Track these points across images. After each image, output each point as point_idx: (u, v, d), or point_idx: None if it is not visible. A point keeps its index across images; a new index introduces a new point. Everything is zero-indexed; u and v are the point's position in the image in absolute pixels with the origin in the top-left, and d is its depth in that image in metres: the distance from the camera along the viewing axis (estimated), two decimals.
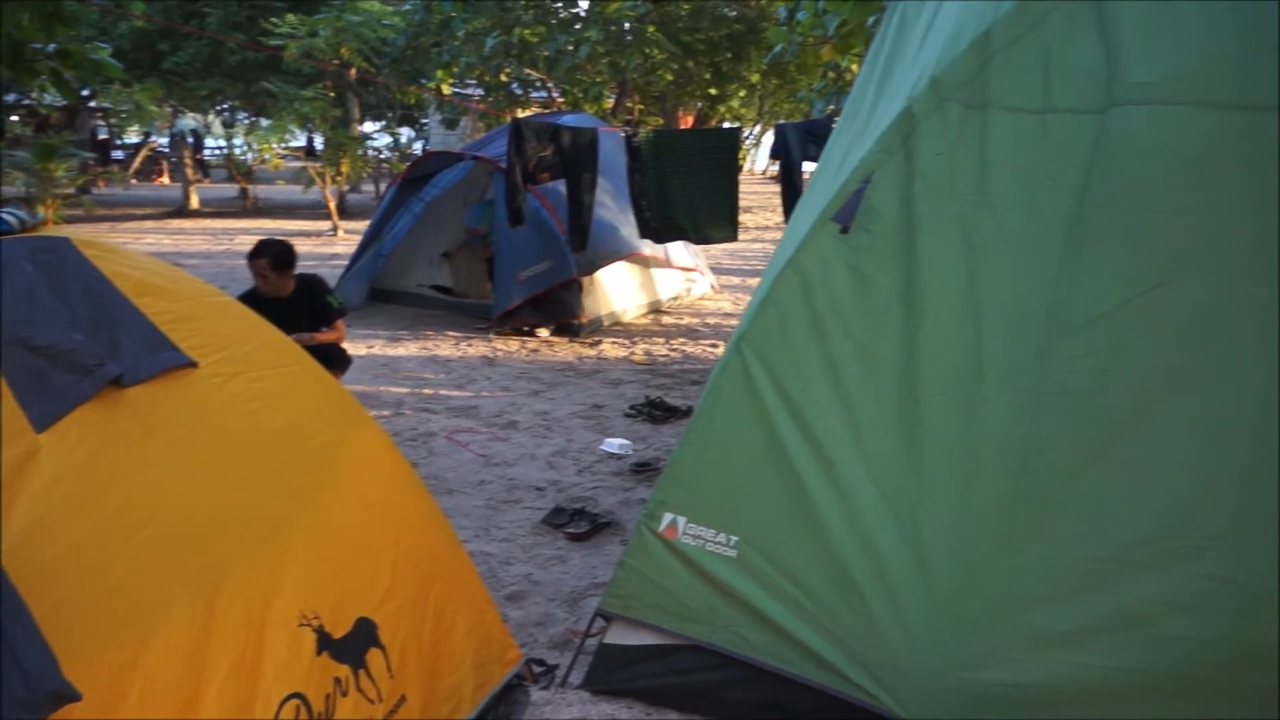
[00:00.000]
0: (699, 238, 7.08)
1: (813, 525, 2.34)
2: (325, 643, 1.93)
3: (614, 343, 7.44)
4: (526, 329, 7.58)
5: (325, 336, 4.77)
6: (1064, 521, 2.07)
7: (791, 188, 6.73)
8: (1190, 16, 2.09)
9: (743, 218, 16.54)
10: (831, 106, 8.96)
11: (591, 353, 7.14)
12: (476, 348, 7.22)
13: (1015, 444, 2.14)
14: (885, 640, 2.23)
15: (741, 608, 2.41)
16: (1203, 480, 1.95)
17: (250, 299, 4.41)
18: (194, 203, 18.36)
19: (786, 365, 2.43)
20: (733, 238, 7.07)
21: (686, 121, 20.22)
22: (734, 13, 15.35)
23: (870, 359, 2.34)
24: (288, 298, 4.61)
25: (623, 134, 6.92)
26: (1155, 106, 2.08)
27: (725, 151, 6.92)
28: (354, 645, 2.00)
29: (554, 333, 7.58)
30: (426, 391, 6.00)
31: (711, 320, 8.49)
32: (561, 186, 6.91)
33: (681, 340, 7.63)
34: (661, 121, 18.01)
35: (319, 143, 19.21)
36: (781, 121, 12.76)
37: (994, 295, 2.21)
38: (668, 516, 2.55)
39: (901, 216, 2.35)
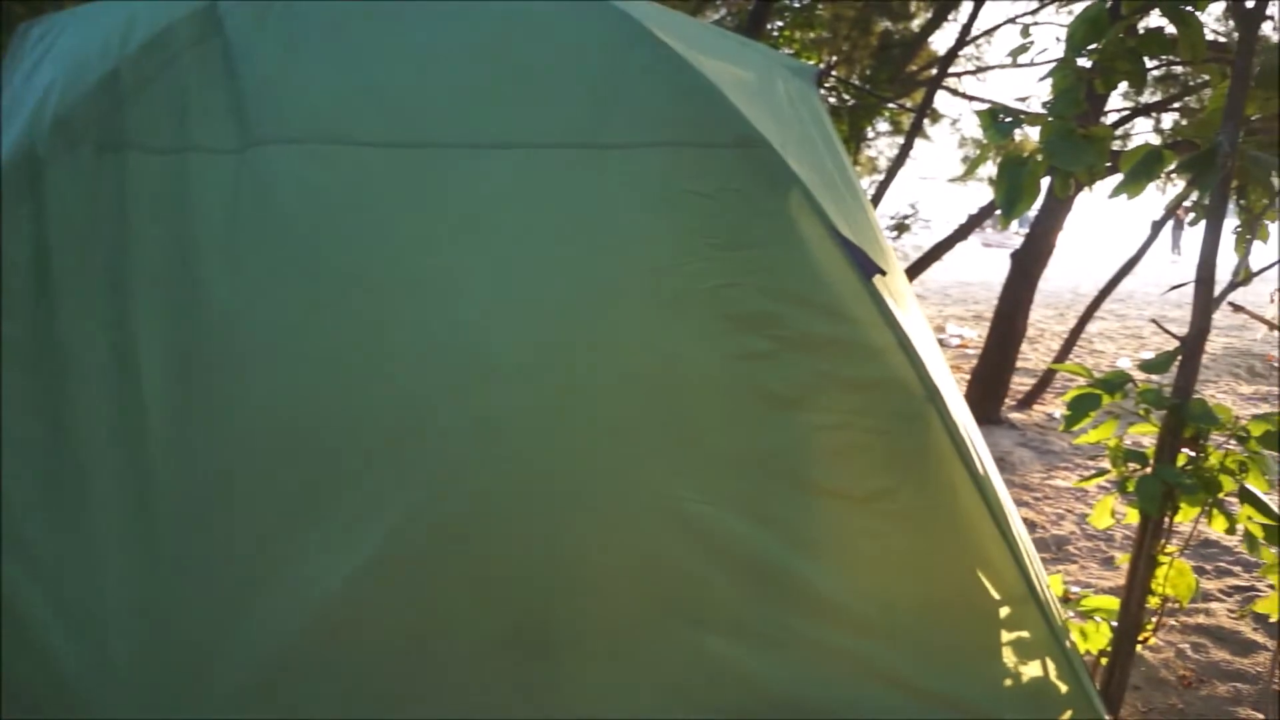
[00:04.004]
0: None
1: None
2: None
3: None
4: None
5: None
6: (227, 569, 1.97)
7: None
8: (301, 61, 2.21)
9: None
10: None
11: None
12: None
13: (192, 495, 1.99)
14: None
15: None
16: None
17: None
18: None
19: None
20: None
21: None
22: None
23: (11, 434, 1.99)
24: None
25: None
26: (284, 145, 2.15)
27: None
28: None
29: None
30: None
31: None
32: None
33: None
34: None
35: None
36: None
37: (148, 339, 2.05)
38: None
39: (37, 266, 2.08)
